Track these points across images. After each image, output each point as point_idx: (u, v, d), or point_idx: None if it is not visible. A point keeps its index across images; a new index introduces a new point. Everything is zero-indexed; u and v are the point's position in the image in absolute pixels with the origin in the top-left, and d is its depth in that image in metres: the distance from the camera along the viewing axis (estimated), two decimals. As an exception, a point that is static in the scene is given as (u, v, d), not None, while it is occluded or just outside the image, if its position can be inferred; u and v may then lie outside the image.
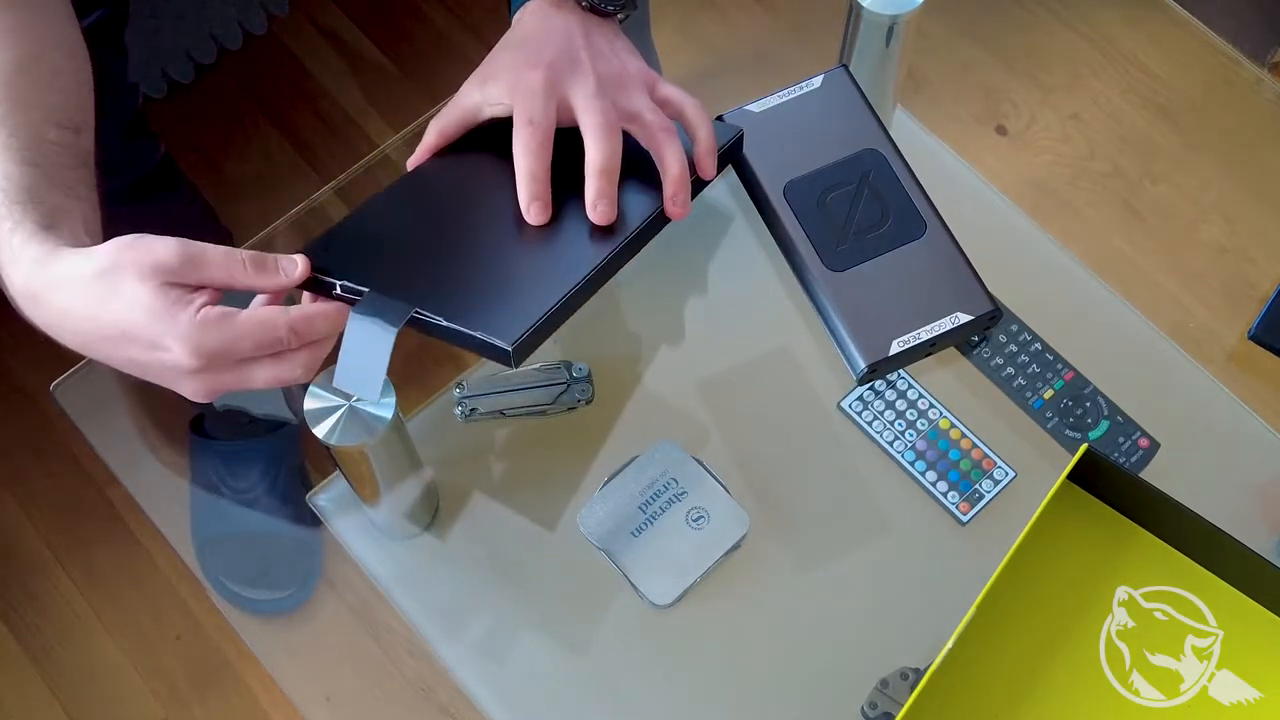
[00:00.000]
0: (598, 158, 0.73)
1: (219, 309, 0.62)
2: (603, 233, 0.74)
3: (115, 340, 0.63)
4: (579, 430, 0.86)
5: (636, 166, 0.76)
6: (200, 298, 0.62)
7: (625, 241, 0.74)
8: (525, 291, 0.70)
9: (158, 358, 0.63)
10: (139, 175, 1.16)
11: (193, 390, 0.64)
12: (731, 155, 0.83)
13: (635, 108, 0.76)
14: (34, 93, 0.71)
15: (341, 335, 0.66)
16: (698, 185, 0.79)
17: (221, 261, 0.63)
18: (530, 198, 0.73)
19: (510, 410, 0.86)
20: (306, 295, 0.68)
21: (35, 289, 0.64)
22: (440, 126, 0.78)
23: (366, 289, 0.67)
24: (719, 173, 0.81)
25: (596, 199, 0.73)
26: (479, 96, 0.77)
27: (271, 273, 0.64)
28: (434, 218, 0.75)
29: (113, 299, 0.62)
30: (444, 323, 0.66)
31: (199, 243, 0.63)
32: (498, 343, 0.66)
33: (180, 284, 0.62)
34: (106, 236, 0.66)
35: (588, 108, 0.74)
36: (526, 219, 0.73)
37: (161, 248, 0.62)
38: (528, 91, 0.74)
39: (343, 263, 0.69)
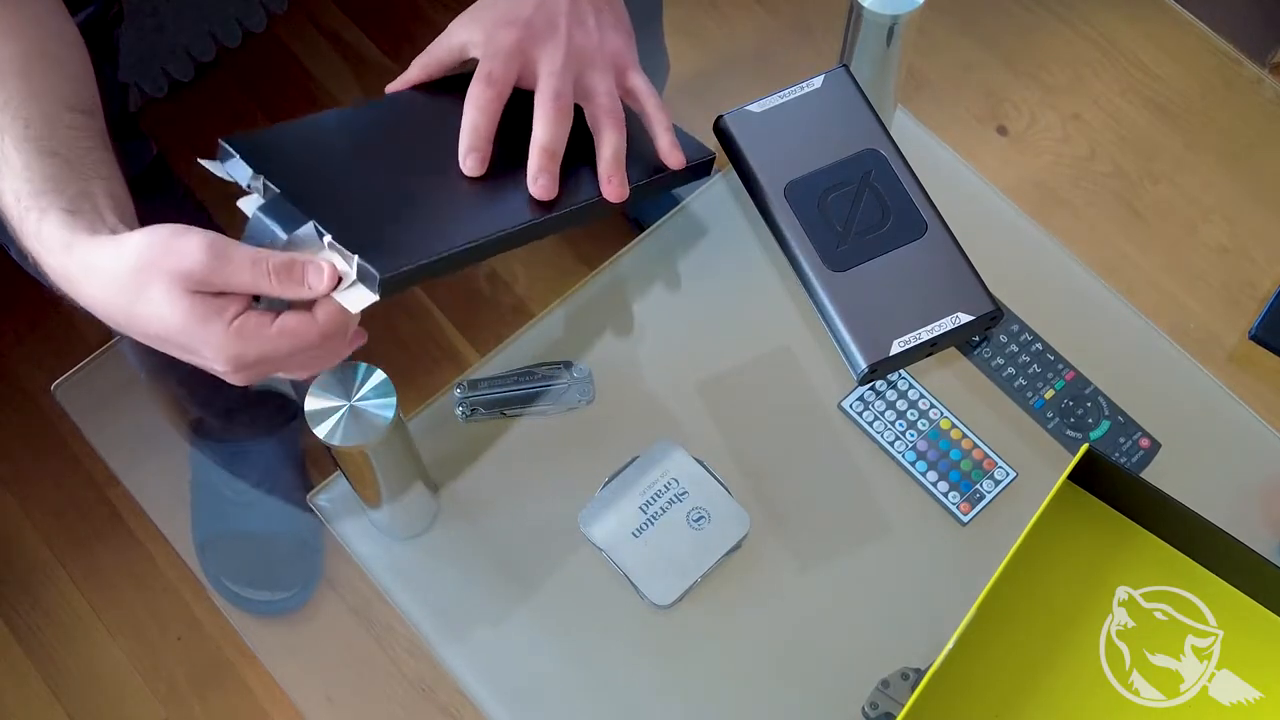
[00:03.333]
0: (542, 136, 0.74)
1: (254, 319, 0.64)
2: (531, 204, 0.75)
3: (152, 338, 0.65)
4: (579, 430, 0.86)
5: (588, 151, 0.77)
6: (232, 307, 0.63)
7: (544, 219, 0.75)
8: (423, 235, 0.71)
9: (193, 359, 0.65)
10: (130, 176, 1.16)
11: (231, 381, 0.66)
12: (698, 174, 0.84)
13: (594, 87, 0.77)
14: (45, 81, 0.71)
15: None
16: (654, 187, 0.80)
17: (248, 269, 0.63)
18: (468, 149, 0.74)
19: (510, 410, 0.86)
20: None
21: (70, 274, 0.65)
22: (424, 62, 0.79)
23: (278, 190, 0.68)
24: (681, 184, 0.82)
25: (538, 174, 0.74)
26: (465, 36, 0.78)
27: (296, 283, 0.65)
28: (378, 146, 0.76)
29: (144, 303, 0.63)
30: (330, 239, 0.67)
31: (226, 243, 0.63)
32: (369, 269, 0.65)
33: (209, 291, 0.63)
34: None
35: (546, 84, 0.75)
36: (462, 168, 0.74)
37: (189, 254, 0.62)
38: (496, 49, 0.75)
39: (268, 159, 0.69)
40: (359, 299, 0.66)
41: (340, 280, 0.66)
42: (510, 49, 0.75)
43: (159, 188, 1.22)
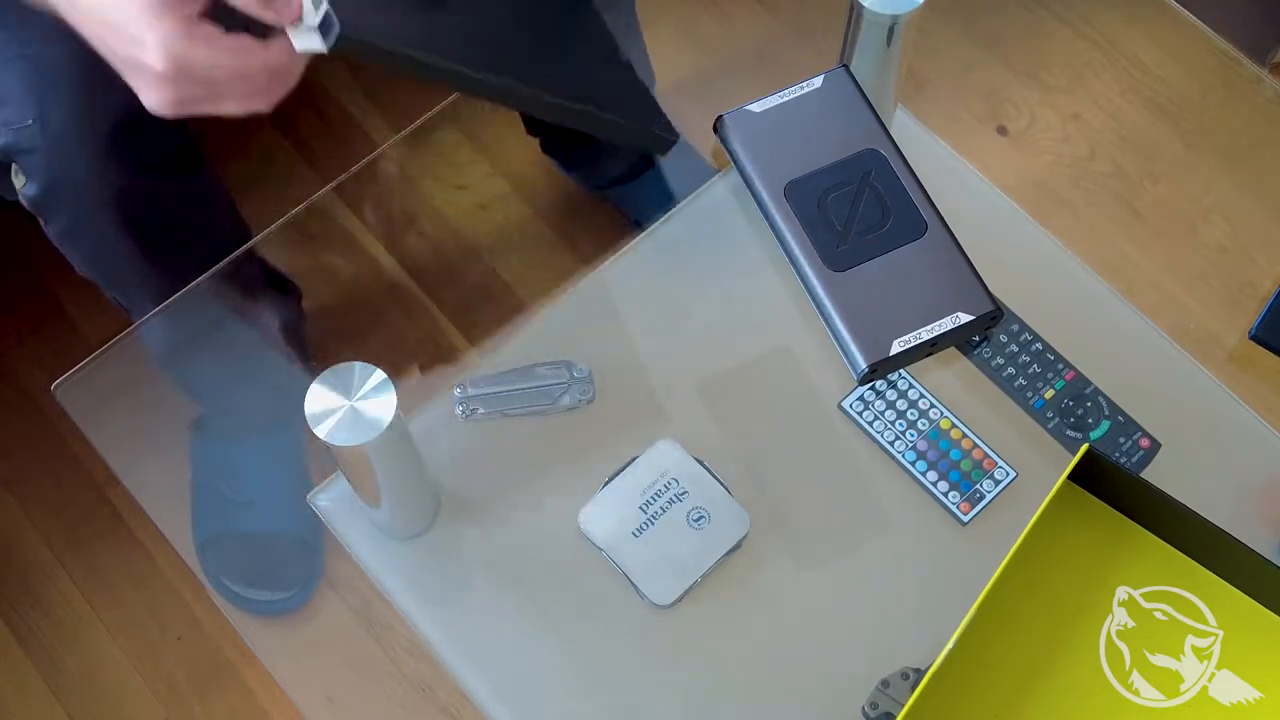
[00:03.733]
0: None
1: (207, 25, 0.62)
2: (517, 67, 0.75)
3: (98, 23, 0.63)
4: (579, 430, 0.86)
5: (592, 58, 0.77)
6: (190, 6, 0.62)
7: (521, 89, 0.74)
8: (403, 28, 0.70)
9: (133, 54, 0.62)
10: (157, 159, 1.15)
11: (157, 100, 0.64)
12: (652, 143, 0.84)
13: None
14: None
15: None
16: (592, 119, 0.79)
17: None
18: None
19: (510, 410, 0.86)
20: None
21: None
22: None
23: None
24: (630, 142, 0.81)
25: None
26: None
27: (263, 2, 0.63)
28: None
29: None
30: None
31: None
32: (334, 19, 0.64)
33: None
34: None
35: None
36: None
37: None
38: None
39: None
40: (307, 42, 0.65)
41: (301, 21, 0.65)
42: None
43: (187, 168, 1.21)
